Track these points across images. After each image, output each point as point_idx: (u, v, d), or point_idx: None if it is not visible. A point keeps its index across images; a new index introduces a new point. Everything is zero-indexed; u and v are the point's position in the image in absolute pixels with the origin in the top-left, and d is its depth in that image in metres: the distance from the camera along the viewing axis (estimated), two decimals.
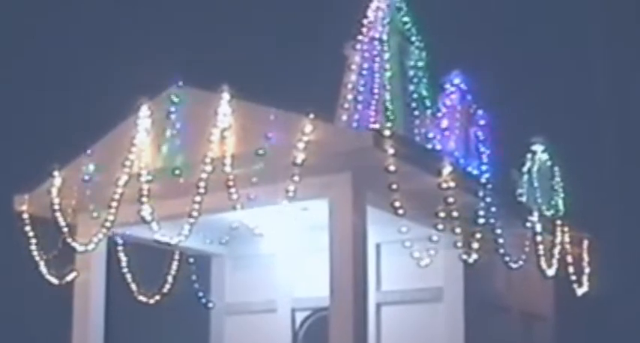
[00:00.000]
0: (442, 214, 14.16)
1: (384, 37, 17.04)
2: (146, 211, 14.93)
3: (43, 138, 23.11)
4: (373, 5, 17.47)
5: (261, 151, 14.07)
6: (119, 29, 26.07)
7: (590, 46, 27.16)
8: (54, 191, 16.23)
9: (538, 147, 19.21)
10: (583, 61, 27.02)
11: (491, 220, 15.57)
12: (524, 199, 18.41)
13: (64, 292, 16.90)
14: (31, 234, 16.61)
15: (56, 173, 16.30)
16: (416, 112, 16.82)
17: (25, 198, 16.67)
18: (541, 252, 17.50)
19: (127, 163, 15.34)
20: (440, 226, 14.18)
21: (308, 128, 13.78)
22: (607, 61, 26.88)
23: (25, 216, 16.60)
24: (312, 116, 13.85)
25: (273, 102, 14.58)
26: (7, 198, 16.90)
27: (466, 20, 25.57)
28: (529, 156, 19.06)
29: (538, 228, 17.36)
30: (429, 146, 15.94)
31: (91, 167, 16.14)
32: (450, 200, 14.18)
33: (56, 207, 16.20)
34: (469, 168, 15.99)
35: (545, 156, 19.25)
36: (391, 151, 13.57)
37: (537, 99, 25.21)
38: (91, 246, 16.14)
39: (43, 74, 25.57)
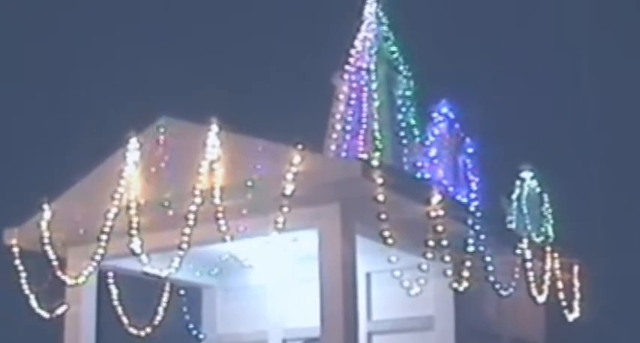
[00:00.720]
0: (431, 243, 14.14)
1: (372, 67, 17.13)
2: (136, 244, 14.88)
3: (32, 171, 23.10)
4: (360, 35, 17.58)
5: (250, 183, 14.06)
6: (108, 62, 26.15)
7: (578, 73, 27.31)
8: (43, 224, 16.16)
9: (527, 174, 19.29)
10: (571, 87, 27.17)
11: (481, 248, 15.58)
12: (513, 226, 18.47)
13: (55, 325, 16.84)
14: (20, 267, 16.56)
15: (45, 206, 16.25)
16: (404, 141, 16.87)
17: (14, 231, 16.60)
18: (531, 279, 17.50)
19: (116, 196, 15.30)
20: (429, 255, 14.15)
21: (296, 159, 13.77)
22: (595, 87, 27.03)
23: (15, 249, 16.51)
24: (300, 147, 13.86)
25: (262, 134, 14.62)
26: None
27: (453, 49, 25.71)
28: (518, 183, 19.13)
29: (528, 254, 17.35)
30: (418, 175, 15.98)
31: (81, 200, 16.13)
32: (439, 228, 14.16)
33: (46, 240, 16.14)
34: (458, 197, 16.02)
35: (534, 183, 19.31)
36: (379, 181, 13.57)
37: (525, 127, 25.33)
38: (81, 279, 16.08)
39: (29, 107, 25.60)
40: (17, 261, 16.53)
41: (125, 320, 17.94)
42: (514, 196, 18.91)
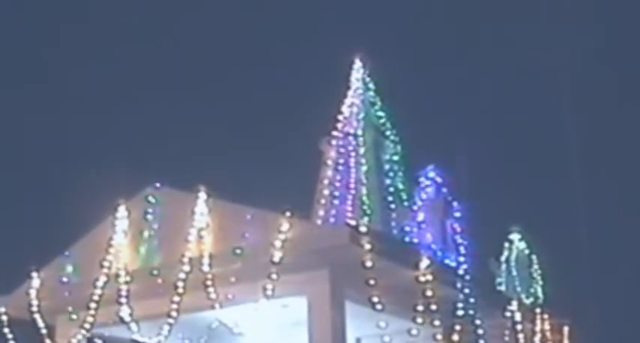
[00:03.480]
0: (421, 307, 14.16)
1: (359, 132, 17.18)
2: (125, 312, 14.92)
3: (22, 240, 23.09)
4: (348, 101, 17.64)
5: (238, 250, 14.14)
6: (97, 129, 26.28)
7: (564, 135, 27.52)
8: (32, 292, 16.17)
9: (515, 236, 19.35)
10: (557, 149, 27.37)
11: (471, 311, 15.59)
12: (503, 288, 18.47)
13: None
14: (10, 336, 16.51)
15: (34, 274, 16.25)
16: (392, 206, 16.86)
17: (3, 299, 16.60)
18: (522, 341, 17.49)
19: (105, 264, 15.35)
20: (419, 319, 14.16)
21: (285, 226, 13.85)
22: (581, 148, 27.24)
23: (4, 317, 16.51)
24: (288, 214, 13.93)
25: (250, 201, 14.70)
26: None
27: (440, 113, 25.95)
28: (506, 245, 19.17)
29: (517, 316, 17.37)
30: (406, 239, 16.01)
31: (70, 268, 16.14)
32: (429, 293, 14.21)
33: (35, 308, 16.13)
34: (447, 261, 16.06)
35: (522, 245, 19.37)
36: (368, 247, 13.64)
37: (512, 189, 25.47)
38: None
39: (20, 175, 25.66)
40: (6, 329, 16.47)
41: None
42: (503, 258, 18.94)
